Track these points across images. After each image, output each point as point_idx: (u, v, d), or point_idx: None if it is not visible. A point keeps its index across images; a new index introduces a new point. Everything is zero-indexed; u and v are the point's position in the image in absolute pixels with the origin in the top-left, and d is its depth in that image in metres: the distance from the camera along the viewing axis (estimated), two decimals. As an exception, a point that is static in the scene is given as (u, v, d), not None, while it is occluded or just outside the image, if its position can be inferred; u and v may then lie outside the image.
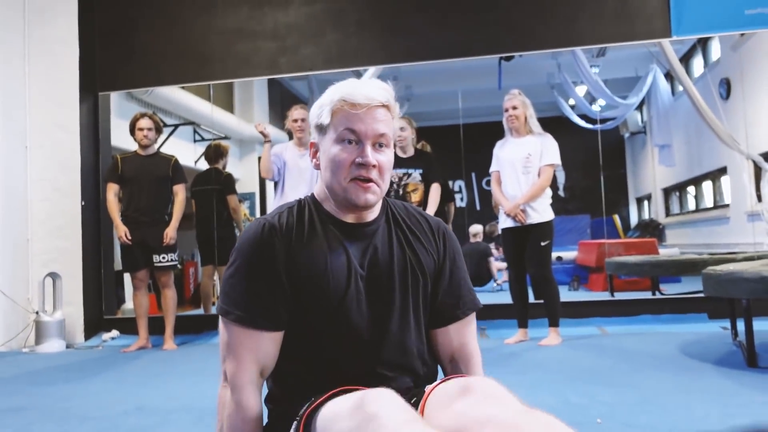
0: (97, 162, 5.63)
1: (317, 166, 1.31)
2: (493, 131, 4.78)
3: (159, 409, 2.76)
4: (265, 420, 1.26)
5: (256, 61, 5.53)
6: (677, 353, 3.54)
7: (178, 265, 5.11)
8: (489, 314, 4.90)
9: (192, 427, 2.46)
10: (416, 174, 4.52)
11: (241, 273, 1.21)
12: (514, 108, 4.33)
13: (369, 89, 1.24)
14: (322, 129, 1.28)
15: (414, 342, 1.28)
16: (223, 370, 1.23)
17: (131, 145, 5.03)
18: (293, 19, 5.48)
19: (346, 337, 1.21)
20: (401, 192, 4.52)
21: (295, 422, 1.12)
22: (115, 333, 5.42)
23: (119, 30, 5.68)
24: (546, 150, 4.27)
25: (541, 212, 4.22)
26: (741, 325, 3.29)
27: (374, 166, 1.22)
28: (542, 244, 4.19)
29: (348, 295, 1.21)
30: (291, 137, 4.74)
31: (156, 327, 4.91)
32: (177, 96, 7.44)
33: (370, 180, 1.22)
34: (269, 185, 10.03)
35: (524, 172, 4.27)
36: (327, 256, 1.22)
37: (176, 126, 7.98)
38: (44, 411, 2.81)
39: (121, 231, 4.68)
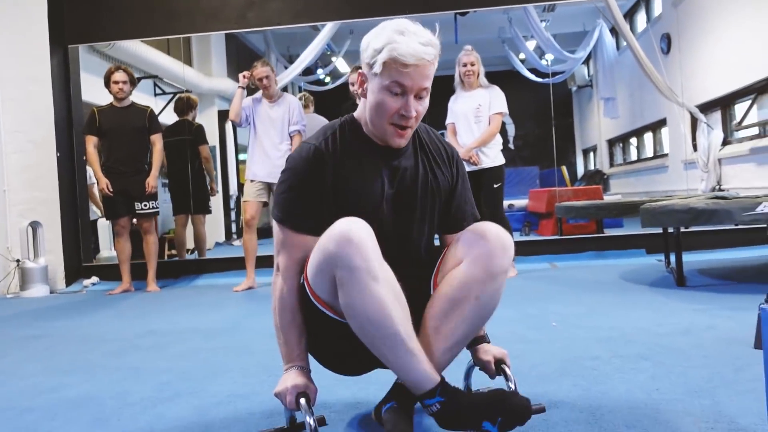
0: (70, 114, 5.77)
1: (363, 95, 1.54)
2: (449, 85, 5.12)
3: (169, 331, 3.11)
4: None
5: (225, 15, 5.71)
6: (618, 279, 4.04)
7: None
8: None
9: (205, 341, 2.82)
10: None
11: (293, 188, 1.53)
12: (472, 64, 4.68)
13: (419, 49, 1.43)
14: (371, 69, 1.47)
15: (425, 245, 1.65)
16: (276, 262, 1.56)
17: (97, 98, 5.18)
18: (261, -27, 5.66)
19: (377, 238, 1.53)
20: None
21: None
22: (95, 279, 5.65)
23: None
24: (494, 100, 4.66)
25: (493, 157, 4.63)
26: (673, 258, 3.79)
27: (413, 116, 1.50)
28: (495, 186, 4.60)
29: (380, 207, 1.55)
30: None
31: (135, 273, 5.16)
32: (139, 50, 7.52)
33: (406, 127, 1.51)
34: (229, 139, 10.19)
35: (476, 121, 4.66)
36: (364, 175, 1.55)
37: (139, 79, 8.05)
38: (61, 337, 3.12)
39: (102, 182, 4.89)
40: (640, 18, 11.04)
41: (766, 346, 1.22)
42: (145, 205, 5.01)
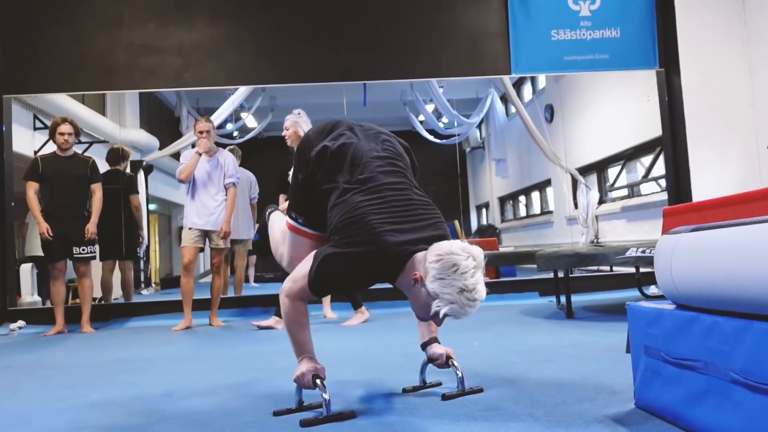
0: (2, 161, 5.92)
1: (419, 281, 1.83)
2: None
3: (137, 359, 3.45)
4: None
5: (162, 73, 6.13)
6: (519, 315, 4.75)
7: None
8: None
9: (177, 364, 3.21)
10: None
11: (332, 276, 1.99)
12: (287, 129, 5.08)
13: (471, 312, 1.83)
14: (432, 292, 1.80)
15: None
16: (285, 286, 2.06)
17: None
18: (197, 38, 6.16)
19: None
20: None
21: None
22: (21, 323, 5.72)
23: (24, 36, 6.00)
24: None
25: None
26: (563, 298, 4.55)
27: None
28: None
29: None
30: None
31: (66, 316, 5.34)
32: (57, 100, 7.69)
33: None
34: (140, 188, 10.37)
35: None
36: None
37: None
38: (30, 367, 3.38)
39: (43, 227, 5.10)
40: (527, 89, 12.33)
41: (632, 335, 1.86)
42: (83, 250, 5.26)
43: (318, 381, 1.95)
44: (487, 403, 2.06)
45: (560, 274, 4.71)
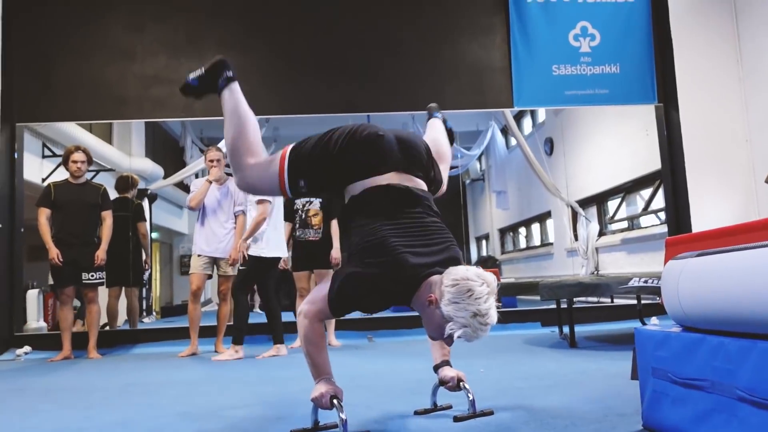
0: (13, 188, 6.02)
1: (433, 303, 1.92)
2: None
3: (148, 383, 3.50)
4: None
5: (171, 104, 6.26)
6: (522, 344, 4.81)
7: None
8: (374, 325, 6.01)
9: (188, 387, 3.26)
10: (316, 202, 5.48)
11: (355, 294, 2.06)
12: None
13: (482, 335, 1.93)
14: (447, 314, 1.89)
15: None
16: (301, 309, 2.12)
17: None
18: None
19: None
20: (304, 216, 5.47)
21: None
22: (27, 348, 5.76)
23: (40, 68, 6.14)
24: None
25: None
26: (566, 328, 4.62)
27: None
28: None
29: None
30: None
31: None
32: (66, 128, 7.84)
33: None
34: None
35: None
36: None
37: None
38: (43, 390, 3.43)
39: (53, 252, 5.18)
40: (527, 122, 12.52)
41: (640, 358, 1.93)
42: (92, 276, 5.33)
43: (335, 401, 2.02)
44: (498, 425, 2.12)
45: (563, 305, 4.78)
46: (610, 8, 6.44)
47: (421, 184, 2.24)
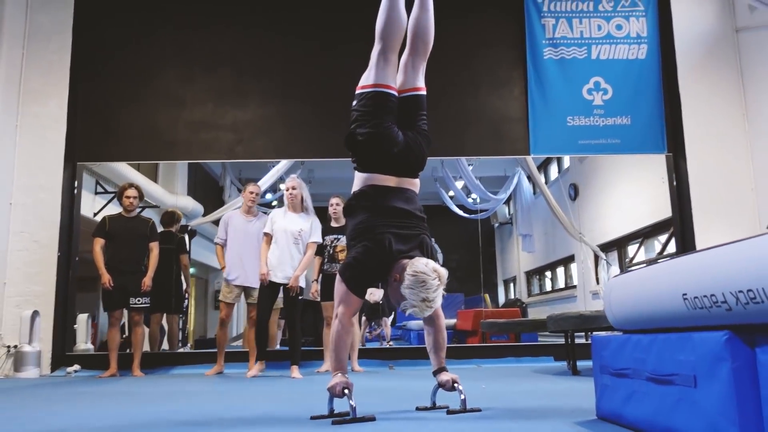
0: (72, 219, 6.66)
1: (399, 281, 2.54)
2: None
3: (188, 392, 3.98)
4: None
5: (217, 147, 6.90)
6: (530, 372, 5.18)
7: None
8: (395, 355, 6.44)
9: (221, 395, 3.73)
10: (343, 239, 5.99)
11: (364, 263, 2.62)
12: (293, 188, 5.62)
13: (431, 311, 2.56)
14: (401, 294, 2.53)
15: None
16: (336, 311, 2.62)
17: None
18: (250, 117, 6.95)
19: None
20: (332, 251, 5.97)
21: None
22: (77, 366, 6.31)
23: (100, 113, 6.85)
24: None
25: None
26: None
27: None
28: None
29: None
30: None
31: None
32: (117, 167, 8.53)
33: None
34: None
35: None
36: None
37: (116, 194, 9.01)
38: (104, 394, 3.94)
39: (105, 278, 5.76)
40: (553, 169, 12.94)
41: (593, 359, 2.35)
42: (139, 300, 5.89)
43: (346, 391, 2.48)
44: (481, 416, 2.55)
45: (577, 339, 5.15)
46: (622, 65, 6.92)
47: (413, 184, 2.86)
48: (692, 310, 1.59)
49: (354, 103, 2.92)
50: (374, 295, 9.32)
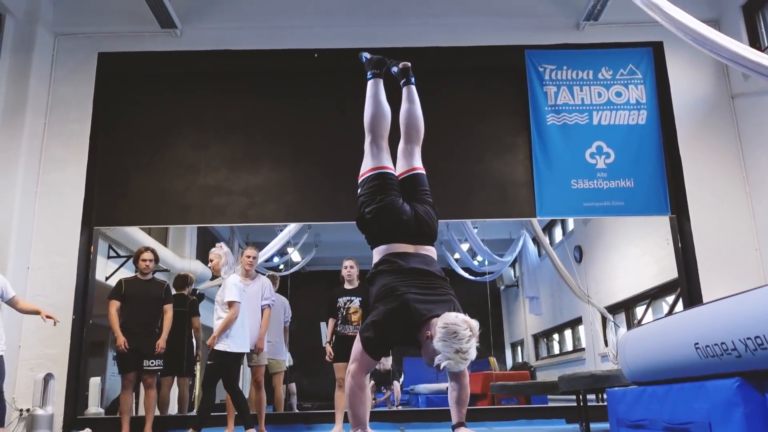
0: (87, 283, 6.77)
1: (431, 339, 2.59)
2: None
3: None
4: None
5: (230, 211, 7.07)
6: (543, 434, 5.18)
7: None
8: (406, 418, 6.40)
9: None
10: (356, 300, 6.07)
11: (382, 330, 2.69)
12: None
13: (462, 366, 2.58)
14: (435, 350, 2.56)
15: None
16: (349, 368, 2.70)
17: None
18: (261, 182, 7.15)
19: None
20: (345, 313, 6.05)
21: None
22: (89, 430, 6.29)
23: (117, 178, 7.07)
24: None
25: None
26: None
27: None
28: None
29: None
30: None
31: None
32: (129, 231, 8.67)
33: None
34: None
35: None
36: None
37: (128, 258, 9.14)
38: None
39: (120, 340, 5.82)
40: (557, 231, 13.04)
41: (610, 413, 2.42)
42: (152, 363, 5.92)
43: (370, 447, 2.54)
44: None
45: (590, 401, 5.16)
46: (623, 130, 7.15)
47: (430, 250, 2.97)
48: (704, 358, 1.69)
49: (359, 191, 3.12)
50: (385, 363, 9.35)
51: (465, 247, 12.91)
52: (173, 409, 7.41)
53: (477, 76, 7.43)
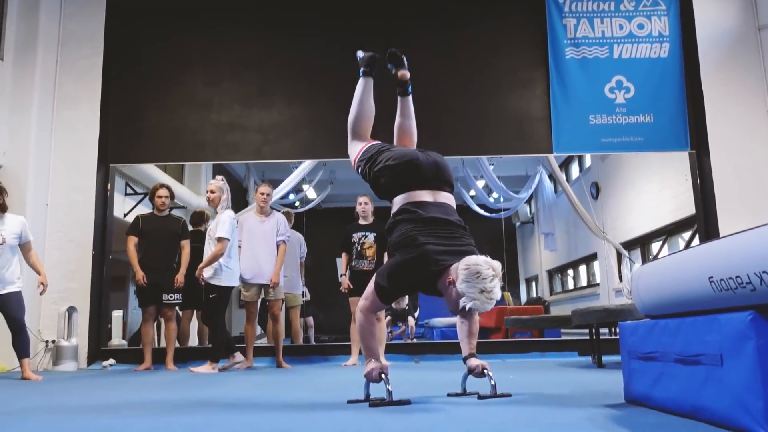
0: (105, 219, 6.86)
1: (452, 283, 2.53)
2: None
3: (224, 380, 4.12)
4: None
5: (244, 148, 7.06)
6: (556, 366, 5.26)
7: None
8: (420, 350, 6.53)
9: (259, 384, 3.86)
10: (371, 236, 6.12)
11: (398, 282, 2.68)
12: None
13: (488, 307, 2.50)
14: (460, 291, 2.48)
15: None
16: (361, 304, 2.73)
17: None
18: (275, 118, 7.10)
19: None
20: (360, 248, 6.10)
21: None
22: (112, 360, 6.50)
23: (131, 115, 7.05)
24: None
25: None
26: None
27: None
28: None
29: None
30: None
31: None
32: (146, 168, 8.75)
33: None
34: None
35: None
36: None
37: (145, 195, 9.23)
38: (145, 383, 4.09)
39: (139, 275, 5.93)
40: (574, 167, 12.95)
41: (621, 346, 2.43)
42: (171, 296, 6.05)
43: (383, 375, 2.59)
44: (512, 401, 2.65)
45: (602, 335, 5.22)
46: (644, 64, 6.97)
47: (449, 198, 2.90)
48: (718, 292, 1.68)
49: (360, 172, 3.05)
50: (401, 303, 9.48)
51: (481, 184, 12.90)
52: (194, 341, 7.61)
53: (493, 7, 7.23)
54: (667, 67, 6.96)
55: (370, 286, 2.71)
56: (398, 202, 2.83)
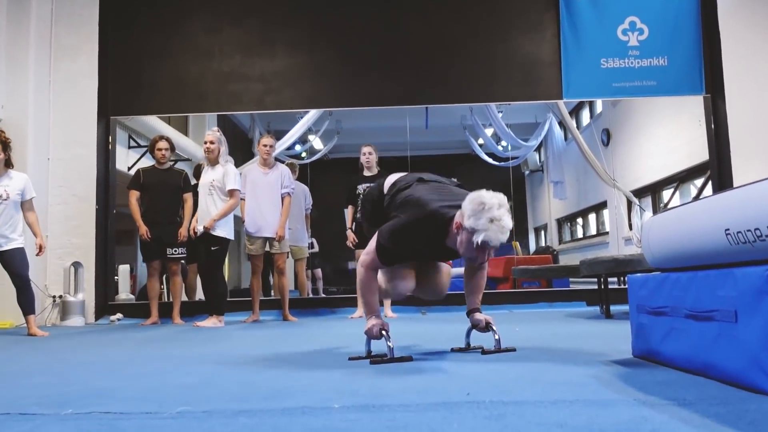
0: (108, 173, 6.78)
1: (458, 228, 2.42)
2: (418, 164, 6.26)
3: (233, 336, 4.09)
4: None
5: (246, 98, 6.91)
6: (564, 317, 5.20)
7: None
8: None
9: (267, 339, 3.83)
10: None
11: (400, 243, 2.56)
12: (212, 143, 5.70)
13: (501, 239, 2.33)
14: (468, 230, 2.36)
15: None
16: (363, 259, 2.64)
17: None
18: (278, 67, 6.92)
19: None
20: None
21: None
22: (119, 315, 6.52)
23: (130, 66, 6.90)
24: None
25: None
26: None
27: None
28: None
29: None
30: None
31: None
32: (149, 121, 8.60)
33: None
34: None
35: None
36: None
37: (147, 147, 9.10)
38: (154, 338, 4.07)
39: (143, 230, 5.88)
40: (585, 114, 12.69)
41: (630, 299, 2.35)
42: (175, 251, 6.00)
43: (384, 332, 2.52)
44: (515, 355, 2.58)
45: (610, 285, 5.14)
46: (658, 4, 6.70)
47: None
48: (735, 245, 1.58)
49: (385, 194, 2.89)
50: None
51: (489, 131, 12.68)
52: (201, 294, 7.60)
53: (502, -54, 6.93)
54: (683, 6, 6.69)
55: (372, 242, 2.61)
56: (387, 183, 2.84)
